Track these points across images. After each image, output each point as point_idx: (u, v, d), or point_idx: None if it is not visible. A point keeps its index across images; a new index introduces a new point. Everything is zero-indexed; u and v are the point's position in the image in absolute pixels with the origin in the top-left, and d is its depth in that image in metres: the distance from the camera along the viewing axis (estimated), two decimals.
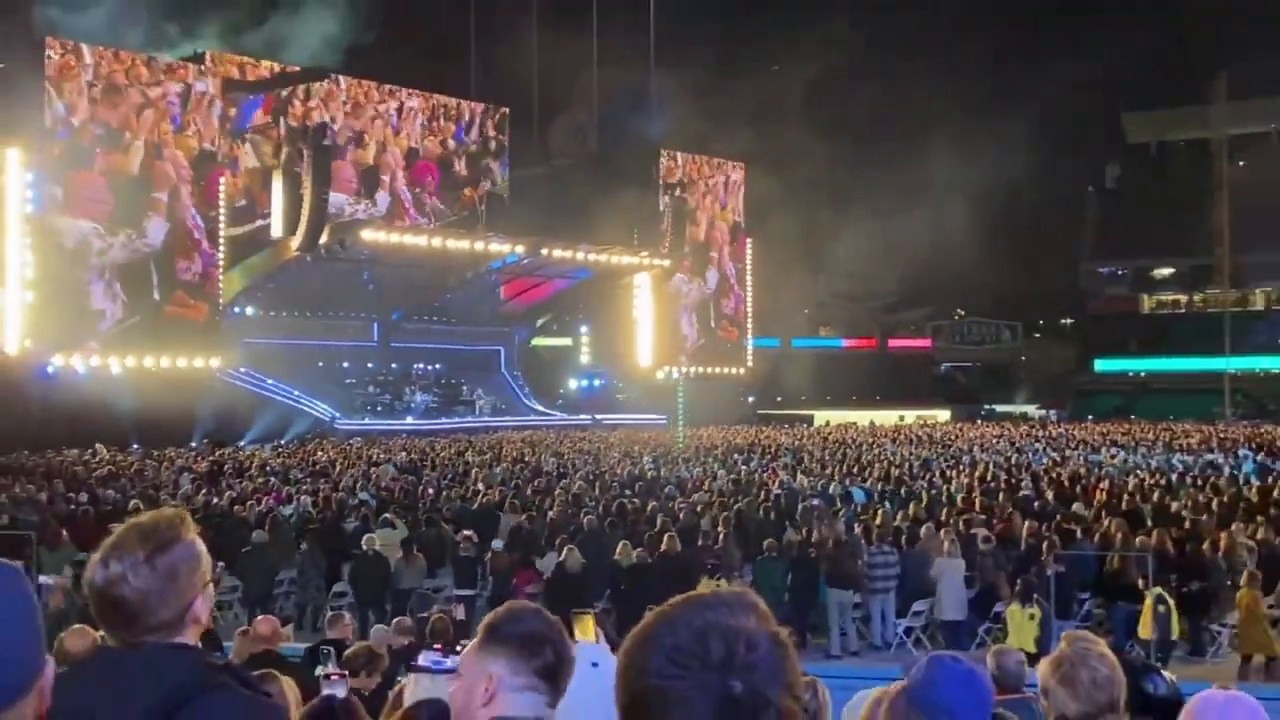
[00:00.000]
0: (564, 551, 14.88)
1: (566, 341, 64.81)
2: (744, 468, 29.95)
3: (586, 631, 3.41)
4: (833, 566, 15.36)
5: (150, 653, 2.28)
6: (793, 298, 70.52)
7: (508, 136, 63.80)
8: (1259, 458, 32.95)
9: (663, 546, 15.32)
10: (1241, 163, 77.57)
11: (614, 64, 68.77)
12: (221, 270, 46.85)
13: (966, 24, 70.30)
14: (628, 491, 23.04)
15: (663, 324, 63.77)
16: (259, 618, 8.12)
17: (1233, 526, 17.59)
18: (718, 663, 1.39)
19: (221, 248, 46.75)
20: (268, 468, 29.24)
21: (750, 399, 68.53)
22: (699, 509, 19.78)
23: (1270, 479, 26.31)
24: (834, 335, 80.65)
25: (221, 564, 14.73)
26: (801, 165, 63.93)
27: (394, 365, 57.02)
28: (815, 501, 21.03)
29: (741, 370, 68.60)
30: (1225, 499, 21.39)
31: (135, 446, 37.92)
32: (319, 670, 6.98)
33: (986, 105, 65.71)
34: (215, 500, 21.32)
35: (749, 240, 68.95)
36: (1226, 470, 29.36)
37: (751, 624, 1.44)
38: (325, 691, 5.78)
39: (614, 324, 63.34)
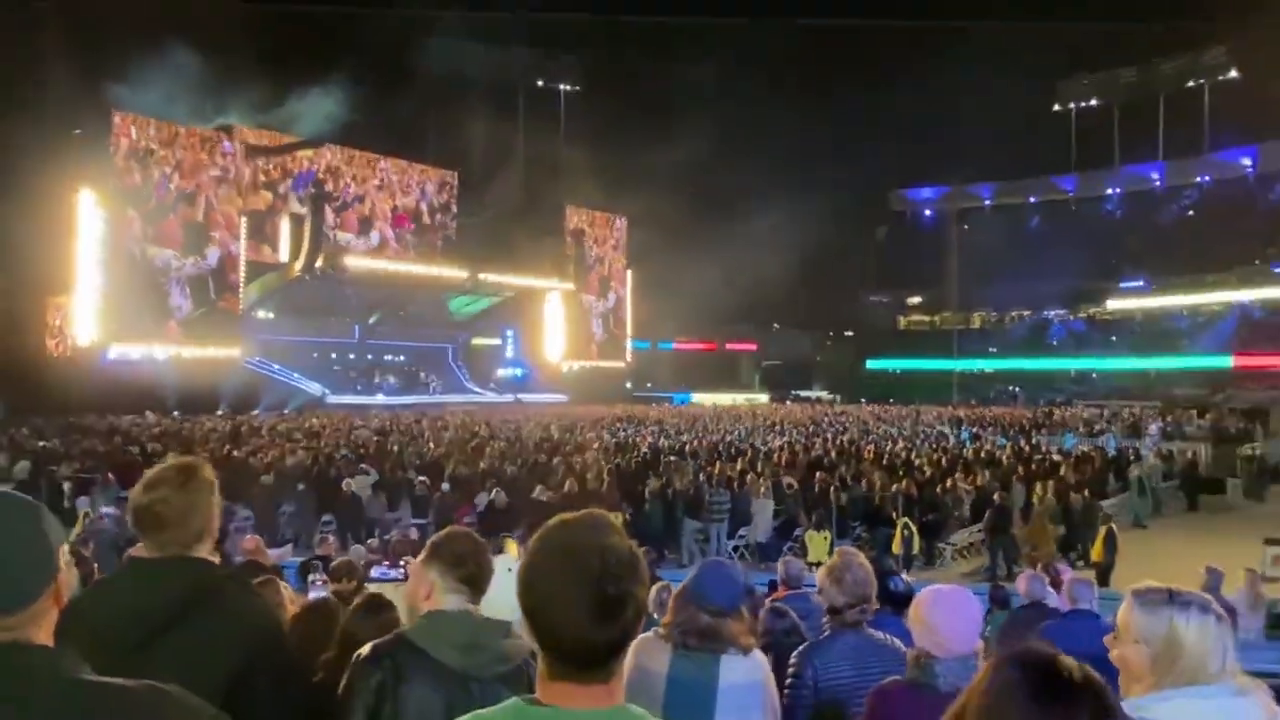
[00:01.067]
0: (493, 492, 14.77)
1: (497, 341, 64.10)
2: (623, 433, 29.92)
3: (512, 549, 3.50)
4: (689, 503, 15.54)
5: (171, 562, 2.21)
6: (659, 313, 70.80)
7: (457, 195, 63.20)
8: (973, 430, 34.14)
9: (564, 489, 15.31)
10: (966, 227, 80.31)
11: (535, 141, 68.46)
12: (242, 286, 46.24)
13: (786, 124, 71.18)
14: (539, 450, 22.95)
15: (570, 329, 63.92)
16: (245, 536, 7.84)
17: (955, 476, 18.26)
18: (596, 573, 1.39)
19: (243, 270, 46.33)
20: (274, 430, 28.37)
21: (628, 384, 68.72)
22: (590, 462, 19.78)
23: (979, 443, 27.38)
24: (686, 340, 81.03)
25: (240, 501, 14.28)
26: (668, 219, 64.12)
27: (369, 357, 55.68)
28: (673, 458, 21.19)
29: (623, 364, 69.13)
30: (950, 457, 22.17)
31: (175, 413, 36.55)
32: (310, 577, 6.83)
33: (799, 183, 66.64)
34: (235, 453, 20.62)
35: (629, 271, 69.77)
36: (951, 438, 30.35)
37: (615, 540, 1.44)
38: (312, 593, 5.65)
39: (532, 329, 63.03)
